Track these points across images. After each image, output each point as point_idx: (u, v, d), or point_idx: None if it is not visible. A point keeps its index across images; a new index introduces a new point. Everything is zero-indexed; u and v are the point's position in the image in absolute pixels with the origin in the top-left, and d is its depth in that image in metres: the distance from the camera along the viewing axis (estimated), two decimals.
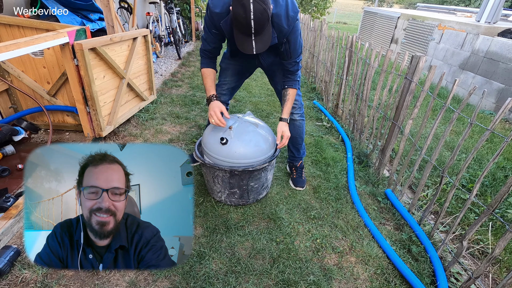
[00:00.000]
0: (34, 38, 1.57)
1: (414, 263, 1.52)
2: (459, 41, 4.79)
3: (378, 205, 1.95)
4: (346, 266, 1.49)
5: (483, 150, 2.72)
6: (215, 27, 1.46)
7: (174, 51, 5.34)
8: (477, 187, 1.33)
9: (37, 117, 2.39)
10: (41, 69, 2.19)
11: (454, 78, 4.75)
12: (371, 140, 2.48)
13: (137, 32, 2.54)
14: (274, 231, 1.65)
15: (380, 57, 2.31)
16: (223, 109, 1.61)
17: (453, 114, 1.49)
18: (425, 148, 1.71)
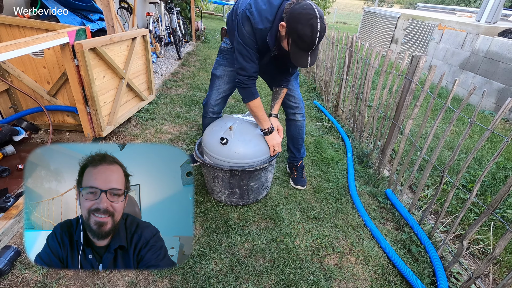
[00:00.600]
0: (34, 38, 1.57)
1: (414, 263, 1.52)
2: (459, 41, 4.80)
3: (378, 205, 1.95)
4: (346, 266, 1.49)
5: (483, 150, 2.72)
6: (256, 43, 1.44)
7: (174, 51, 5.34)
8: (477, 187, 1.33)
9: (37, 117, 2.39)
10: (41, 69, 2.19)
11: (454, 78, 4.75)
12: (371, 140, 2.48)
13: (136, 32, 2.54)
14: (274, 231, 1.65)
15: (380, 57, 2.31)
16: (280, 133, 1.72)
17: (453, 114, 1.49)
18: (425, 148, 1.71)
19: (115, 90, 2.38)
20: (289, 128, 1.99)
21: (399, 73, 2.03)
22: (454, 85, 1.46)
